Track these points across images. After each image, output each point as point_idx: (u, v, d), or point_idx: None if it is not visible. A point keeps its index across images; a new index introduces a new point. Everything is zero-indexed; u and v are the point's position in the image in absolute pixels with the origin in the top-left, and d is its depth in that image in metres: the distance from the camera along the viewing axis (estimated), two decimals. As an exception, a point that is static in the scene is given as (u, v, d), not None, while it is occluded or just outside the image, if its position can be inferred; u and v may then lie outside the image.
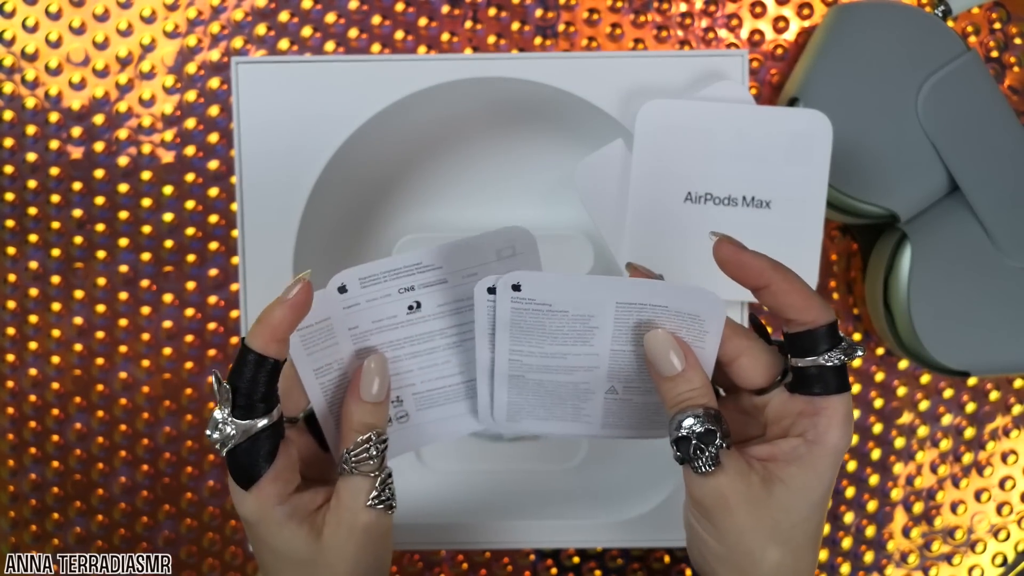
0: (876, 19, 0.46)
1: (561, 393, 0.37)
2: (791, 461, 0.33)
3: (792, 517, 0.33)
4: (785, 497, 0.33)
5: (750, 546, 0.33)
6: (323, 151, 0.46)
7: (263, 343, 0.32)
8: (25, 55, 0.50)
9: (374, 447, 0.34)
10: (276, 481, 0.34)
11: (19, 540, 0.52)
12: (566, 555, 0.53)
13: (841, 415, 0.33)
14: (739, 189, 0.43)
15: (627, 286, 0.34)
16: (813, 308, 0.33)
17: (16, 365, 0.52)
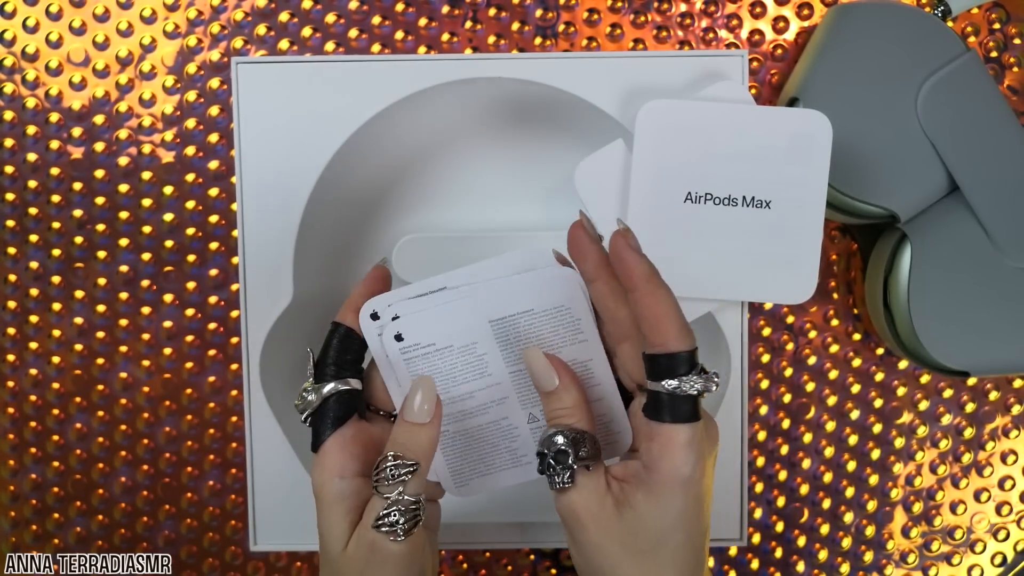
0: (876, 19, 0.46)
1: (489, 439, 0.37)
2: (637, 485, 0.33)
3: (643, 541, 0.33)
4: (633, 521, 0.33)
5: (602, 563, 0.34)
6: (323, 151, 0.46)
7: (341, 314, 0.36)
8: (25, 55, 0.50)
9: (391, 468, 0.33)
10: (341, 451, 0.34)
11: (19, 540, 0.53)
12: (566, 555, 0.53)
13: (677, 444, 0.32)
14: (739, 189, 0.43)
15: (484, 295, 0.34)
16: (669, 331, 0.32)
17: (16, 365, 0.52)
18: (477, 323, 0.35)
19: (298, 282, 0.46)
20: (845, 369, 0.52)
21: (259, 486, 0.47)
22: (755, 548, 0.52)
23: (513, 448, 0.37)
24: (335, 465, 0.34)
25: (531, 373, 0.35)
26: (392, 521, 0.33)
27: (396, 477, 0.33)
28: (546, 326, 0.35)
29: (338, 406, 0.35)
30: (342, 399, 0.35)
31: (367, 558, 0.33)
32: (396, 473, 0.33)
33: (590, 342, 0.35)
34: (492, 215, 0.51)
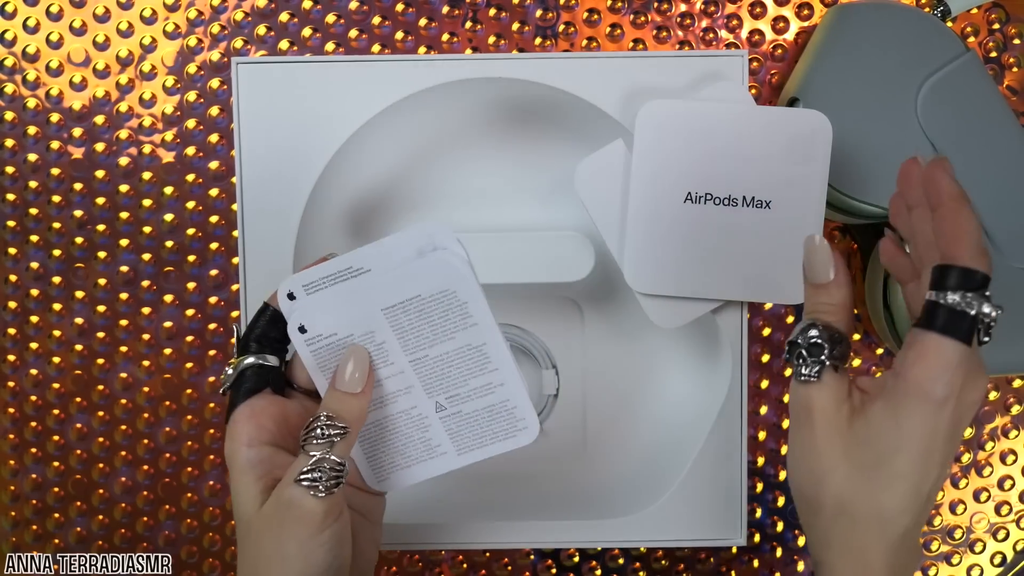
0: (876, 19, 0.46)
1: (402, 430, 0.37)
2: (878, 396, 0.33)
3: (866, 455, 0.33)
4: (863, 431, 0.33)
5: (815, 465, 0.34)
6: (323, 151, 0.46)
7: (271, 295, 0.36)
8: (26, 55, 0.50)
9: (321, 427, 0.33)
10: (249, 420, 0.34)
11: (20, 540, 0.53)
12: (566, 555, 0.53)
13: (935, 356, 0.31)
14: (739, 189, 0.43)
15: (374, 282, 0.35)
16: (965, 247, 0.32)
17: (17, 365, 0.52)
18: (371, 311, 0.35)
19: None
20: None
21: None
22: (755, 548, 0.52)
23: (427, 439, 0.37)
24: (243, 434, 0.34)
25: (809, 259, 0.35)
26: (314, 477, 0.33)
27: (325, 436, 0.33)
28: (435, 311, 0.35)
29: (252, 379, 0.36)
30: (257, 373, 0.36)
31: (282, 515, 0.33)
32: (326, 433, 0.33)
33: (481, 325, 0.35)
34: (492, 215, 0.51)
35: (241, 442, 0.34)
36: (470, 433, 0.37)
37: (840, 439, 0.33)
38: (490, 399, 0.36)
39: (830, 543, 0.34)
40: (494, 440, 0.37)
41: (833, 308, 0.35)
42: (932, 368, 0.31)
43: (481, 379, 0.36)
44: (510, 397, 0.36)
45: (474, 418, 0.37)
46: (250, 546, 0.34)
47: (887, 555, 0.33)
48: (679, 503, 0.47)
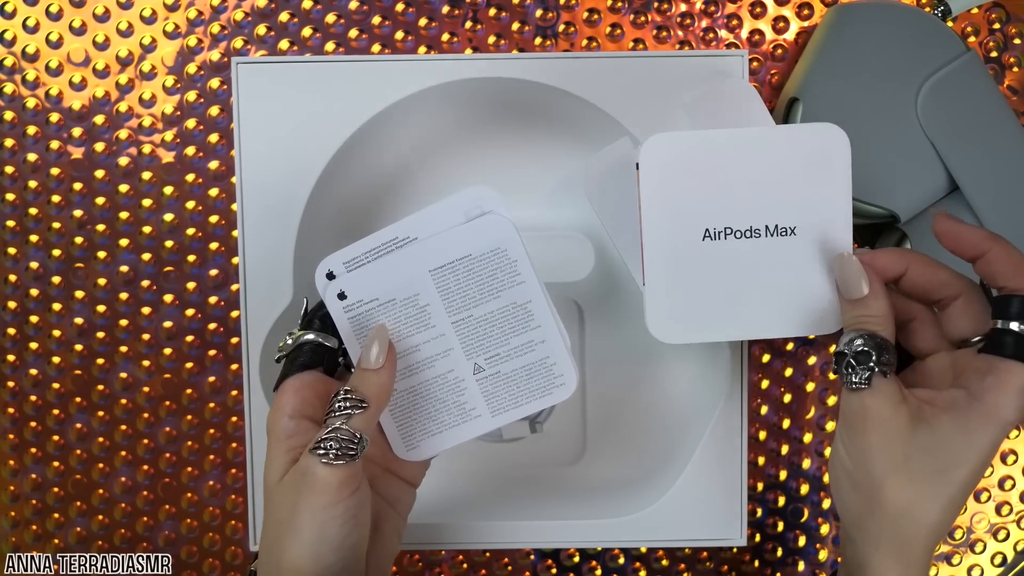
0: (876, 19, 0.46)
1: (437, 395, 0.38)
2: (946, 409, 0.34)
3: (931, 461, 0.34)
4: (927, 439, 0.34)
5: (874, 467, 0.35)
6: (323, 151, 0.46)
7: None
8: (26, 55, 0.50)
9: (340, 402, 0.34)
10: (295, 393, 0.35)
11: (20, 540, 0.52)
12: (566, 555, 0.53)
13: (1014, 382, 0.33)
14: (760, 219, 0.39)
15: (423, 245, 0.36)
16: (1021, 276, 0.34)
17: (17, 365, 0.52)
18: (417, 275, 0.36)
19: (298, 282, 0.46)
20: (845, 369, 0.52)
21: (259, 486, 0.47)
22: (755, 548, 0.52)
23: (461, 402, 0.38)
24: (287, 404, 0.35)
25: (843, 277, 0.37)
26: (327, 446, 0.33)
27: (343, 409, 0.34)
28: (485, 270, 0.36)
29: (308, 355, 0.37)
30: (314, 350, 0.37)
31: (298, 483, 0.33)
32: (344, 406, 0.34)
33: (527, 283, 0.37)
34: (492, 215, 0.51)
35: (284, 412, 0.35)
36: (506, 393, 0.38)
37: (901, 444, 0.34)
38: (529, 357, 0.37)
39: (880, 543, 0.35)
40: (531, 399, 0.38)
41: (875, 319, 0.36)
42: (1009, 395, 0.33)
43: (523, 337, 0.37)
44: (550, 354, 0.37)
45: (511, 378, 0.38)
46: (270, 514, 0.35)
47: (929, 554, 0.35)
48: (679, 503, 0.47)
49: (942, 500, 0.34)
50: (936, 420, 0.34)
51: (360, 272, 0.36)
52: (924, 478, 0.34)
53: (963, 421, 0.34)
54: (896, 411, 0.35)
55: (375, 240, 0.36)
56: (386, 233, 0.36)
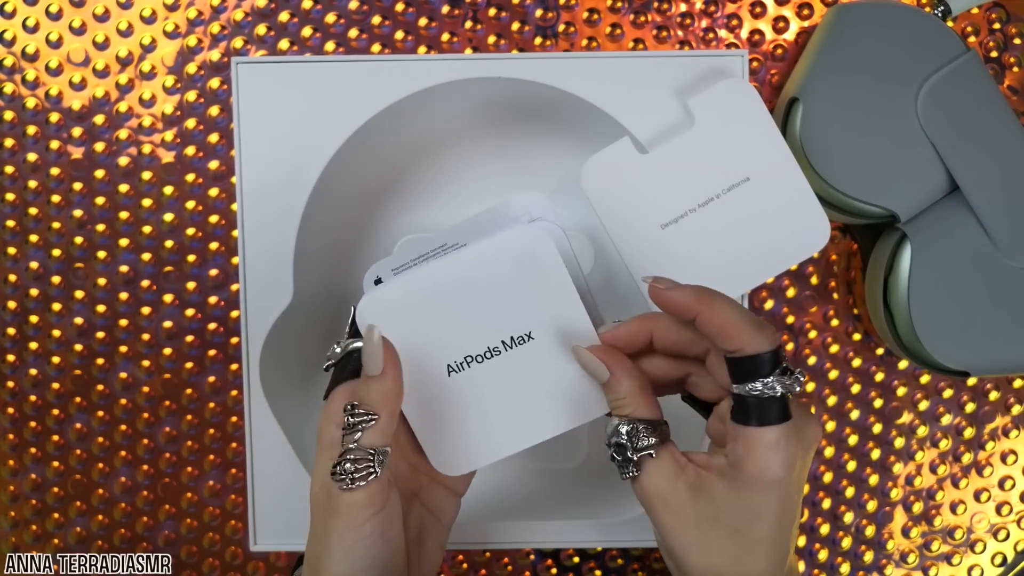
0: (876, 19, 0.46)
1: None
2: (719, 476, 0.34)
3: (720, 527, 0.33)
4: (709, 508, 0.33)
5: (675, 543, 0.34)
6: (323, 151, 0.46)
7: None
8: (25, 55, 0.50)
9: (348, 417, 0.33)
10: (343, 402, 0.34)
11: (19, 540, 0.52)
12: (566, 555, 0.53)
13: (762, 447, 0.32)
14: (495, 336, 0.37)
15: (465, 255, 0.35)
16: (741, 335, 0.32)
17: (16, 365, 0.52)
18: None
19: (298, 282, 0.46)
20: (845, 369, 0.52)
21: (259, 486, 0.47)
22: (755, 548, 0.52)
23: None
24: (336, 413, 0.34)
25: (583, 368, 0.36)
26: (344, 468, 0.32)
27: (352, 426, 0.33)
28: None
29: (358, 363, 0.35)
30: None
31: (326, 506, 0.33)
32: (352, 421, 0.33)
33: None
34: (492, 215, 0.51)
35: (332, 420, 0.34)
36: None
37: (688, 514, 0.34)
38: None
39: None
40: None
41: (623, 401, 0.35)
42: (763, 458, 0.32)
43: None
44: None
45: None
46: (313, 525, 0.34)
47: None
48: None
49: (749, 557, 0.33)
50: (713, 488, 0.34)
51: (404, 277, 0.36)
52: (722, 543, 0.33)
53: (734, 488, 0.33)
54: (674, 487, 0.34)
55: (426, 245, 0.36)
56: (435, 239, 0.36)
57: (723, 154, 0.41)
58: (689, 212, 0.41)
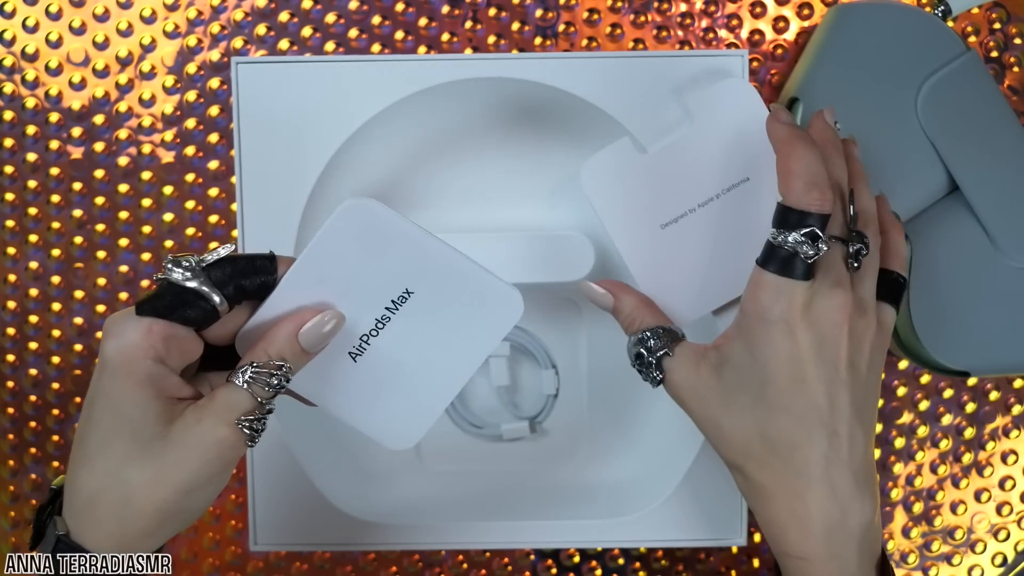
0: (876, 19, 0.46)
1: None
2: (736, 336, 0.36)
3: (743, 395, 0.35)
4: (732, 379, 0.35)
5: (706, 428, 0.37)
6: (323, 151, 0.46)
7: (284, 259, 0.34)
8: (25, 55, 0.50)
9: (280, 378, 0.33)
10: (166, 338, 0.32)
11: (20, 540, 0.52)
12: (566, 555, 0.53)
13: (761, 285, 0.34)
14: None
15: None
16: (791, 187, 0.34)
17: (16, 365, 0.52)
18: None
19: (298, 282, 0.46)
20: (845, 369, 0.52)
21: (259, 486, 0.47)
22: (755, 548, 0.52)
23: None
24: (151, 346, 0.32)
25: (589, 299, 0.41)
26: (257, 427, 0.33)
27: (276, 386, 0.33)
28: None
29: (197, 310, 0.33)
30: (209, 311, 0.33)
31: (208, 454, 0.32)
32: (279, 383, 0.33)
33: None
34: (492, 215, 0.51)
35: (144, 352, 0.31)
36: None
37: (714, 394, 0.36)
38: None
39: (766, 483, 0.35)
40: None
41: (631, 317, 0.39)
42: (761, 295, 0.34)
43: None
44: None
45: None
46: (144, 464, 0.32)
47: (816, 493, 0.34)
48: (679, 503, 0.47)
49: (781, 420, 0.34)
50: (731, 353, 0.36)
51: None
52: (746, 411, 0.35)
53: (745, 342, 0.35)
54: (697, 373, 0.36)
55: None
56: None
57: (722, 154, 0.40)
58: (689, 212, 0.41)
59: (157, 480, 0.32)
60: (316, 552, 0.51)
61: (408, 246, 0.35)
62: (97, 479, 0.33)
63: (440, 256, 0.36)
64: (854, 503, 0.34)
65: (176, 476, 0.32)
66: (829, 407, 0.34)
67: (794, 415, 0.34)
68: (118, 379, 0.32)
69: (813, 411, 0.34)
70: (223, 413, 0.32)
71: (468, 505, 0.50)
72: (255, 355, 0.33)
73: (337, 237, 0.35)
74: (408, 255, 0.35)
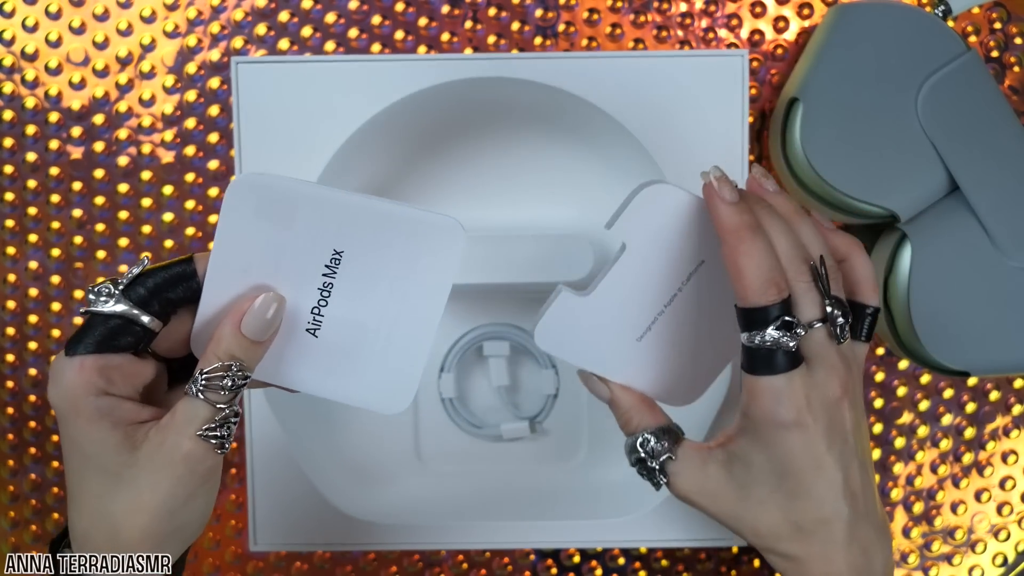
0: (876, 19, 0.46)
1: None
2: (742, 435, 0.35)
3: (759, 489, 0.35)
4: (745, 475, 0.35)
5: (730, 524, 0.36)
6: (323, 151, 0.46)
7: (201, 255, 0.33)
8: (25, 55, 0.50)
9: (232, 378, 0.32)
10: (102, 369, 0.32)
11: (19, 540, 0.52)
12: (566, 555, 0.53)
13: (764, 393, 0.33)
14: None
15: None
16: (746, 286, 0.33)
17: (16, 365, 0.52)
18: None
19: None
20: (845, 369, 0.52)
21: (259, 486, 0.47)
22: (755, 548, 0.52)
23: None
24: (88, 383, 0.31)
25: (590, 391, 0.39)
26: (223, 434, 0.32)
27: (232, 387, 0.32)
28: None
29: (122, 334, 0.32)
30: (128, 329, 0.32)
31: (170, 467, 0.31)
32: (234, 383, 0.32)
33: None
34: (491, 215, 0.51)
35: (84, 391, 0.31)
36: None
37: (727, 493, 0.35)
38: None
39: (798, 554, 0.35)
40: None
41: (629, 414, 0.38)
42: (766, 403, 0.33)
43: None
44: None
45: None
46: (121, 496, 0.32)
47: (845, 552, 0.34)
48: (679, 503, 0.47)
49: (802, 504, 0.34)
50: (741, 450, 0.35)
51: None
52: (766, 503, 0.35)
53: (755, 440, 0.34)
54: (706, 474, 0.36)
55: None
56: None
57: (668, 256, 0.37)
58: (658, 316, 0.38)
59: (135, 508, 0.32)
60: (316, 552, 0.51)
61: (315, 206, 0.33)
62: (85, 518, 0.33)
63: (352, 206, 0.33)
64: (876, 548, 0.35)
65: (152, 500, 0.32)
66: (845, 477, 0.34)
67: (816, 497, 0.34)
68: (70, 422, 0.32)
69: (834, 488, 0.34)
70: (184, 427, 0.32)
71: (468, 505, 0.50)
72: (205, 360, 0.32)
73: (238, 219, 0.33)
74: (319, 215, 0.33)
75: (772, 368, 0.33)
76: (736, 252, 0.33)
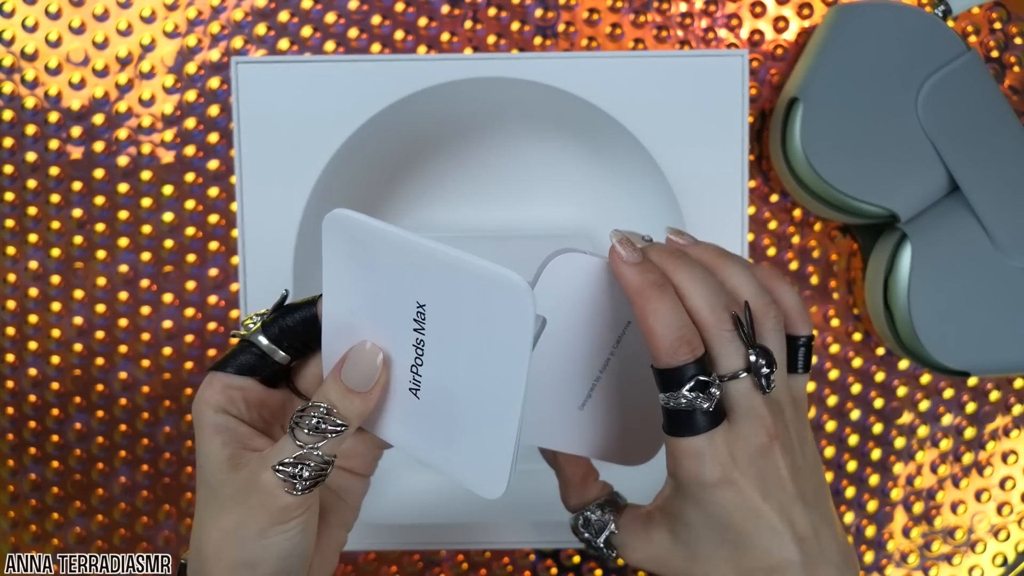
0: (876, 19, 0.46)
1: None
2: (673, 496, 0.34)
3: (705, 546, 0.34)
4: (688, 534, 0.34)
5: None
6: (323, 151, 0.46)
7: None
8: (25, 55, 0.50)
9: (319, 419, 0.31)
10: (224, 392, 0.33)
11: (19, 540, 0.52)
12: (566, 555, 0.53)
13: (683, 455, 0.32)
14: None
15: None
16: (657, 347, 0.32)
17: (16, 365, 0.52)
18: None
19: (298, 282, 0.46)
20: (845, 369, 0.52)
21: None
22: (755, 548, 0.52)
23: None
24: (213, 400, 0.33)
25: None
26: (295, 472, 0.31)
27: (319, 429, 0.31)
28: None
29: (252, 361, 0.33)
30: (260, 358, 0.33)
31: (249, 497, 0.31)
32: (323, 426, 0.31)
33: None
34: (491, 216, 0.51)
35: (209, 406, 0.33)
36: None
37: (675, 554, 0.35)
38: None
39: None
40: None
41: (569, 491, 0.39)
42: (688, 465, 0.32)
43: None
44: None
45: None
46: (212, 512, 0.32)
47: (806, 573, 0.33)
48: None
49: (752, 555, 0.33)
50: (679, 511, 0.34)
51: None
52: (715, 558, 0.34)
53: (689, 501, 0.33)
54: (650, 539, 0.35)
55: None
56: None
57: (592, 322, 0.36)
58: (595, 383, 0.37)
59: (214, 525, 0.32)
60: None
61: (390, 249, 0.30)
62: (195, 526, 0.34)
63: (423, 252, 0.30)
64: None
65: (226, 522, 0.32)
66: (789, 524, 0.33)
67: (761, 545, 0.33)
68: (196, 432, 0.33)
69: (777, 535, 0.33)
70: (268, 459, 0.31)
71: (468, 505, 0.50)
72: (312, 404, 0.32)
73: (336, 262, 0.32)
74: (398, 261, 0.30)
75: (692, 429, 0.32)
76: (644, 312, 0.32)
